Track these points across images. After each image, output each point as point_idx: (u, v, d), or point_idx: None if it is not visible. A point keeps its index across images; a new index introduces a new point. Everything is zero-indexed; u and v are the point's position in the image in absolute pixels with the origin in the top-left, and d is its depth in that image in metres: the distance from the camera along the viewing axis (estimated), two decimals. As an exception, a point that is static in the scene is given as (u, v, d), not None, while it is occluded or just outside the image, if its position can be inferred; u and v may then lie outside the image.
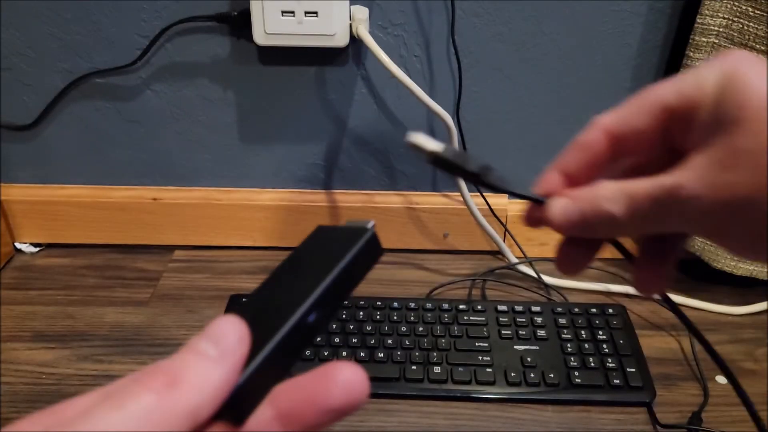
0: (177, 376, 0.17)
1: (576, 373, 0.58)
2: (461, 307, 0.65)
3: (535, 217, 0.29)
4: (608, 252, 0.77)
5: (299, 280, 0.23)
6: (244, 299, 0.66)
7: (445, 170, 0.30)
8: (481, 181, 0.30)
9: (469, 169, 0.29)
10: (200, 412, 0.17)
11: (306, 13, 0.59)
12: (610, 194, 0.26)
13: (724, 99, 0.23)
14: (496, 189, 0.30)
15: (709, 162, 0.23)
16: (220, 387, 0.17)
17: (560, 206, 0.28)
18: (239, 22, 0.62)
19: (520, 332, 0.62)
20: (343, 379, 0.19)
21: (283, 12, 0.59)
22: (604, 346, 0.61)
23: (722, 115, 0.23)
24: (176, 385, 0.17)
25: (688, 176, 0.24)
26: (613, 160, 0.28)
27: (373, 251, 0.25)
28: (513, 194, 0.31)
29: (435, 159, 0.28)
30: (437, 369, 0.59)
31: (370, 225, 0.26)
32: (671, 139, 0.27)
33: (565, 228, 0.28)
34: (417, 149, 0.29)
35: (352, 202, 0.74)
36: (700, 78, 0.25)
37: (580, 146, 0.29)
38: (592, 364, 0.59)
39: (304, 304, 0.21)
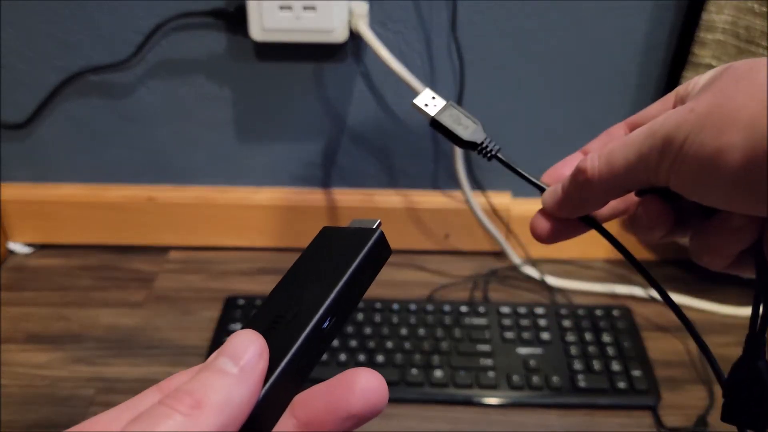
0: (201, 397, 0.17)
1: (580, 377, 0.57)
2: (463, 309, 0.64)
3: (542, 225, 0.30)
4: (612, 253, 0.76)
5: (310, 287, 0.23)
6: (240, 300, 0.65)
7: (443, 134, 0.31)
8: (478, 151, 0.30)
9: (463, 138, 0.29)
10: (226, 430, 0.17)
11: (304, 8, 0.58)
12: (587, 159, 0.27)
13: (712, 76, 0.24)
14: (501, 161, 0.31)
15: (693, 102, 0.23)
16: (243, 404, 0.18)
17: (548, 191, 0.29)
18: (236, 18, 0.61)
19: (523, 335, 0.61)
20: (362, 386, 0.20)
21: (280, 7, 0.58)
22: (609, 348, 0.60)
23: (708, 81, 0.24)
24: (201, 406, 0.17)
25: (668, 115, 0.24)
26: None
27: (381, 252, 0.25)
28: (514, 171, 0.32)
29: (432, 122, 0.28)
30: (438, 373, 0.58)
31: (376, 225, 0.25)
32: None
33: (552, 209, 0.29)
34: (419, 111, 0.30)
35: (351, 201, 0.73)
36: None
37: (605, 136, 0.30)
38: (597, 368, 0.58)
39: (318, 312, 0.21)
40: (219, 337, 0.61)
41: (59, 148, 0.71)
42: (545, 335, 0.61)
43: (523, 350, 0.60)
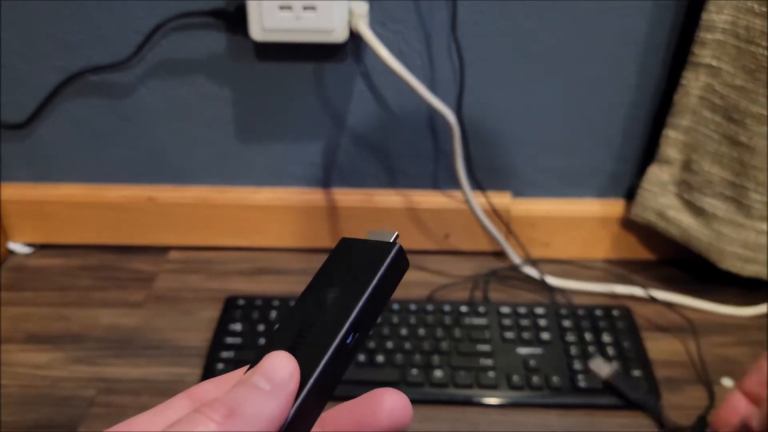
0: (234, 408, 0.18)
1: (580, 377, 0.57)
2: (463, 309, 0.64)
3: None
4: (612, 252, 0.76)
5: (333, 302, 0.23)
6: (240, 300, 0.65)
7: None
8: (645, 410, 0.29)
9: (633, 399, 0.28)
10: None
11: (304, 8, 0.58)
12: None
13: None
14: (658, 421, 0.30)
15: None
16: (274, 419, 0.19)
17: None
18: (236, 18, 0.60)
19: (523, 335, 0.61)
20: (388, 405, 0.21)
21: (280, 7, 0.58)
22: (609, 349, 0.60)
23: None
24: (234, 416, 0.18)
25: None
26: None
27: (400, 265, 0.25)
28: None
29: (606, 384, 0.27)
30: (438, 373, 0.58)
31: (393, 239, 0.26)
32: None
33: None
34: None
35: (351, 201, 0.73)
36: None
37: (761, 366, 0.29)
38: (597, 367, 0.58)
39: (342, 330, 0.22)
40: (219, 337, 0.61)
41: (59, 148, 0.71)
42: (545, 335, 0.61)
43: (523, 350, 0.60)
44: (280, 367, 0.20)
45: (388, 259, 0.24)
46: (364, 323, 0.23)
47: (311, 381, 0.20)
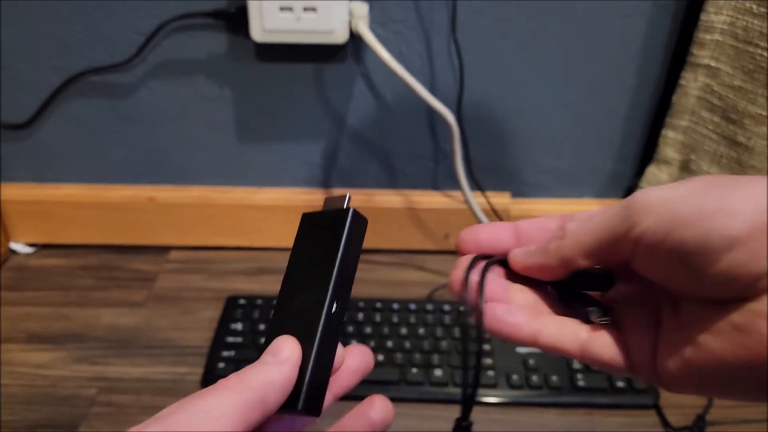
0: (245, 377, 0.24)
1: (579, 376, 0.57)
2: (462, 308, 0.64)
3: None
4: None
5: (310, 280, 0.27)
6: (241, 300, 0.65)
7: None
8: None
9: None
10: (268, 401, 0.24)
11: (304, 9, 0.58)
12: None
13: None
14: None
15: None
16: (280, 383, 0.24)
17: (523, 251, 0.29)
18: (236, 19, 0.61)
19: (522, 334, 0.61)
20: (377, 416, 0.28)
21: (281, 8, 0.58)
22: (608, 348, 0.60)
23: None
24: (245, 383, 0.23)
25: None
26: None
27: (360, 226, 0.28)
28: None
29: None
30: (438, 372, 0.58)
31: (346, 204, 0.28)
32: None
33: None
34: None
35: (352, 201, 0.72)
36: None
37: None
38: (596, 367, 0.58)
39: (324, 304, 0.26)
40: (220, 337, 0.62)
41: (60, 149, 0.71)
42: (544, 335, 0.61)
43: (522, 349, 0.60)
44: (283, 345, 0.25)
45: (347, 227, 0.27)
46: (342, 291, 0.27)
47: (314, 353, 0.25)
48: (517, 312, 0.27)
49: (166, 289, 0.70)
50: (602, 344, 0.25)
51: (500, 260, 0.29)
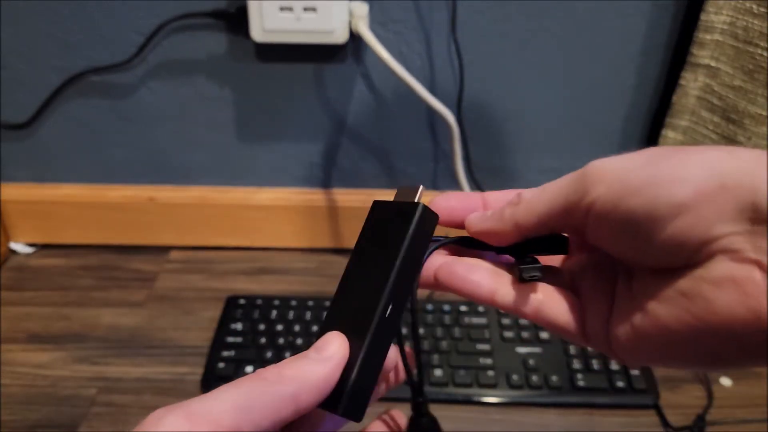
0: (283, 370, 0.23)
1: (579, 376, 0.57)
2: (462, 308, 0.64)
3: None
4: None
5: (371, 274, 0.26)
6: (241, 300, 0.65)
7: None
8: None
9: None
10: (301, 397, 0.23)
11: (304, 9, 0.58)
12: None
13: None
14: None
15: None
16: (319, 381, 0.23)
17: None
18: (236, 19, 0.61)
19: (523, 334, 0.61)
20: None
21: (281, 8, 0.58)
22: (608, 348, 0.60)
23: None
24: (282, 375, 0.23)
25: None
26: None
27: (428, 223, 0.27)
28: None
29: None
30: (438, 372, 0.58)
31: (417, 198, 0.27)
32: None
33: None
34: None
35: (352, 201, 0.73)
36: None
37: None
38: (596, 367, 0.58)
39: (380, 303, 0.24)
40: (220, 337, 0.62)
41: (60, 149, 0.71)
42: (544, 334, 0.61)
43: (522, 349, 0.60)
44: (330, 341, 0.25)
45: (413, 223, 0.26)
46: (400, 292, 0.25)
47: (362, 354, 0.24)
48: (477, 270, 0.27)
49: (166, 289, 0.70)
50: (557, 309, 0.26)
51: (457, 239, 0.29)
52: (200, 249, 0.75)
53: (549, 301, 0.26)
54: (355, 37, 0.62)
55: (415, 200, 0.27)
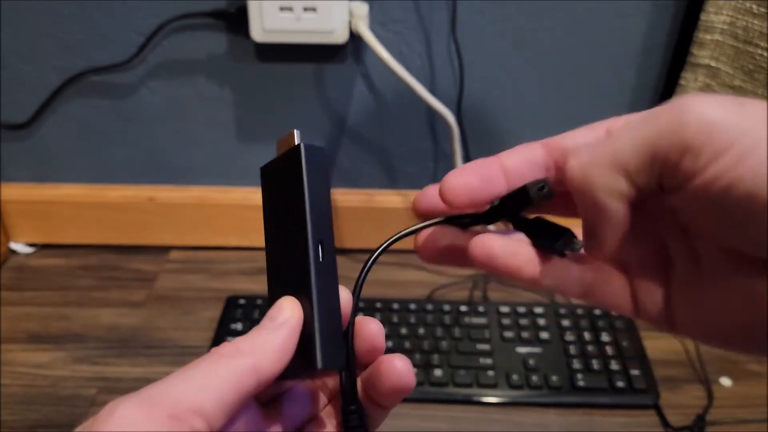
0: (239, 344, 0.23)
1: (579, 376, 0.57)
2: (462, 308, 0.64)
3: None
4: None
5: (288, 232, 0.25)
6: (241, 300, 0.65)
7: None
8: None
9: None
10: (262, 367, 0.22)
11: (304, 9, 0.58)
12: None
13: None
14: None
15: None
16: (276, 348, 0.23)
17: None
18: (236, 19, 0.61)
19: (523, 334, 0.61)
20: (399, 370, 0.25)
21: (281, 8, 0.58)
22: (608, 348, 0.60)
23: None
24: (239, 349, 0.23)
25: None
26: None
27: (318, 158, 0.25)
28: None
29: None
30: (438, 372, 0.58)
31: (297, 139, 0.25)
32: None
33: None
34: None
35: (351, 201, 0.73)
36: None
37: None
38: (596, 367, 0.58)
39: (309, 252, 0.24)
40: (220, 337, 0.62)
41: (60, 149, 0.71)
42: (544, 334, 0.61)
43: (522, 349, 0.60)
44: (282, 307, 0.24)
45: (303, 164, 0.25)
46: (323, 231, 0.25)
47: (314, 300, 0.24)
48: (519, 249, 0.24)
49: (166, 289, 0.70)
50: (608, 288, 0.24)
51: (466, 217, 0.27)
52: (200, 249, 0.75)
53: (597, 279, 0.24)
54: (355, 37, 0.62)
55: (295, 143, 0.25)
